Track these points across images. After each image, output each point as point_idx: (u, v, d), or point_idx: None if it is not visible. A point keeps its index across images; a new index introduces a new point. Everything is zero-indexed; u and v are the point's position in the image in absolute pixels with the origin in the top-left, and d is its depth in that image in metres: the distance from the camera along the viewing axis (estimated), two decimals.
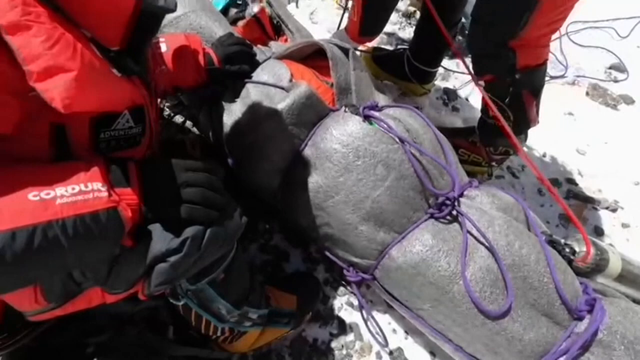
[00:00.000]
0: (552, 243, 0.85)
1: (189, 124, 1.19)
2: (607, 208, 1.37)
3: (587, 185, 1.42)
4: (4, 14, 0.34)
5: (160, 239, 0.46)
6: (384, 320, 0.99)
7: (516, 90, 1.02)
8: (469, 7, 1.27)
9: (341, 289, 1.03)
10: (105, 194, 0.42)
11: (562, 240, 0.88)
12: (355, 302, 1.01)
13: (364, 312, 0.97)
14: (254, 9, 1.12)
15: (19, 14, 0.34)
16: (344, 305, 1.01)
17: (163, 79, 0.83)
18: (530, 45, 0.97)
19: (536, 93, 1.06)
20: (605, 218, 1.34)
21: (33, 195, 0.39)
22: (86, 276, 0.49)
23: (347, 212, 0.82)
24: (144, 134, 0.62)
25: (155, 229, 0.47)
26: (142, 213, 0.47)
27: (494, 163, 1.26)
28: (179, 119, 1.11)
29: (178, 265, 0.47)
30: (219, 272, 0.59)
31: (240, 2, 1.22)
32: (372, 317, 0.96)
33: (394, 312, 0.99)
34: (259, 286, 0.76)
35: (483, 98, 1.08)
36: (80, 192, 0.41)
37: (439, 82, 1.66)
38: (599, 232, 1.30)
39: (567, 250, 0.85)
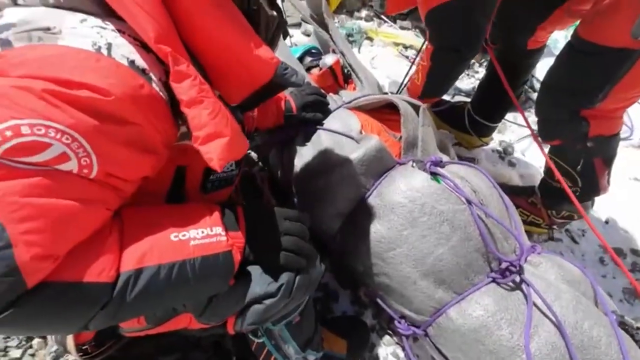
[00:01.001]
0: (624, 325, 0.81)
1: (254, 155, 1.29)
2: None
3: None
4: (186, 91, 0.42)
5: (259, 283, 0.51)
6: None
7: (588, 157, 1.01)
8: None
9: (387, 337, 1.03)
10: (224, 238, 0.49)
11: (634, 323, 0.83)
12: (401, 354, 1.00)
13: None
14: (329, 60, 1.22)
15: (197, 91, 0.43)
16: (389, 355, 1.00)
17: (249, 122, 0.92)
18: (605, 116, 0.96)
19: (608, 162, 1.04)
20: None
21: (174, 236, 0.46)
22: (186, 307, 0.55)
23: (408, 265, 0.84)
24: (237, 175, 0.70)
25: (254, 271, 0.52)
26: (245, 255, 0.52)
27: (555, 226, 1.23)
28: (253, 155, 1.20)
29: (271, 308, 0.51)
30: (296, 315, 0.63)
31: (314, 52, 1.33)
32: None
33: None
34: (318, 330, 0.79)
35: (547, 162, 1.07)
36: (207, 235, 0.47)
37: (494, 135, 1.66)
38: None
39: None
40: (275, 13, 0.55)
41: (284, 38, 0.64)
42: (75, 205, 0.38)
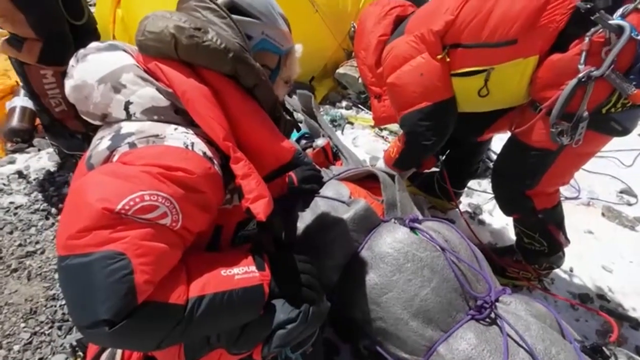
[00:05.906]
0: (586, 349, 0.93)
1: None
2: None
3: (619, 302, 1.48)
4: (241, 169, 0.62)
5: (282, 311, 0.66)
6: None
7: (543, 226, 1.25)
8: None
9: None
10: (257, 274, 0.64)
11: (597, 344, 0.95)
12: None
13: None
14: (320, 142, 1.50)
15: (247, 168, 0.63)
16: None
17: None
18: (544, 193, 1.22)
19: (559, 225, 1.28)
20: None
21: (223, 272, 0.62)
22: (219, 339, 0.67)
23: (399, 307, 0.97)
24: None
25: (278, 303, 0.67)
26: (271, 289, 0.67)
27: (542, 278, 1.41)
28: None
29: (292, 332, 0.65)
30: (309, 345, 0.74)
31: (308, 136, 1.62)
32: None
33: None
34: None
35: (516, 232, 1.32)
36: (245, 272, 0.63)
37: (464, 198, 1.91)
38: None
39: (608, 352, 0.91)
40: (289, 118, 0.80)
41: (297, 132, 0.89)
42: (167, 248, 0.55)
